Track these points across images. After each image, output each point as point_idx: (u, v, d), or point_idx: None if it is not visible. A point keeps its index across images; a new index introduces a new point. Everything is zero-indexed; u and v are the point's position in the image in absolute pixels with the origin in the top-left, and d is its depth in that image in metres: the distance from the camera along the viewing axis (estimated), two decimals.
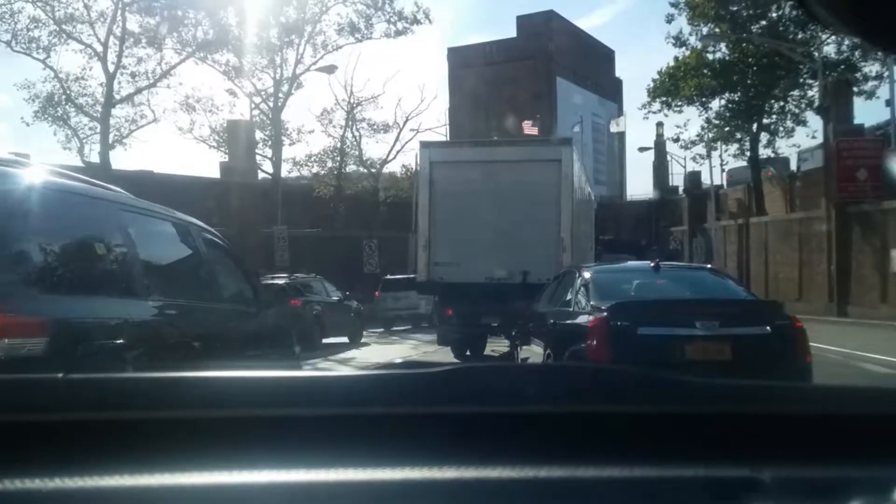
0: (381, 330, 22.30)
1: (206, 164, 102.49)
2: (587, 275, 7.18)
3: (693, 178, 39.00)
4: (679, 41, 32.43)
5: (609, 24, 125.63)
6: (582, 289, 6.96)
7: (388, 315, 22.74)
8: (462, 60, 72.95)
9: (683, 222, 40.58)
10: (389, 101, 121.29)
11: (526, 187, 12.43)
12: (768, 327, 6.12)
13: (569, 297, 7.25)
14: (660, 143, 45.62)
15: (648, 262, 7.96)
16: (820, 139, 27.17)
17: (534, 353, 7.90)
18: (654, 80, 32.69)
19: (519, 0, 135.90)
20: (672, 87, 31.93)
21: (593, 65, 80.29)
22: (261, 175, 32.48)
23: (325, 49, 30.03)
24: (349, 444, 0.90)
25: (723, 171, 38.62)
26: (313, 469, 0.86)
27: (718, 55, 31.69)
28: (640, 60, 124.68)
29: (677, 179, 47.82)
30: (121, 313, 3.79)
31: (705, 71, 31.26)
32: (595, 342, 5.97)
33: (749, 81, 30.72)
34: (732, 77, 30.53)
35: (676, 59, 32.20)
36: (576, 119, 73.78)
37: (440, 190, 12.84)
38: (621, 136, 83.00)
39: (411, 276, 18.65)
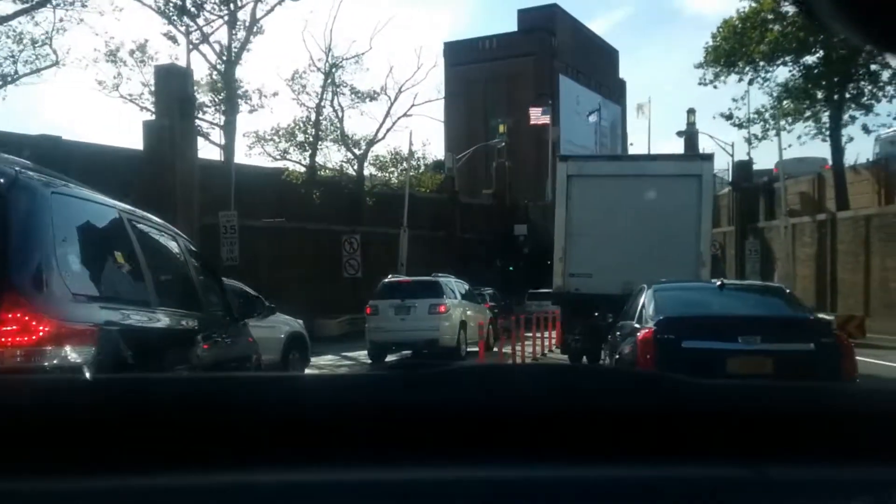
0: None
1: (132, 129, 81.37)
2: (651, 292, 7.22)
3: (743, 169, 31.21)
4: None
5: (609, 33, 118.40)
6: (645, 304, 7.06)
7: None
8: (459, 55, 65.84)
9: (722, 222, 33.02)
10: (377, 66, 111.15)
11: (664, 201, 12.12)
12: (812, 344, 6.20)
13: (633, 311, 7.39)
14: (691, 132, 37.74)
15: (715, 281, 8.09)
16: None
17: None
18: (712, 37, 24.84)
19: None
20: (737, 46, 24.16)
21: (597, 64, 73.09)
22: (211, 151, 24.50)
23: None
24: (347, 444, 0.88)
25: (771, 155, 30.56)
26: (312, 469, 0.84)
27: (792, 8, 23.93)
28: (643, 68, 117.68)
29: None
30: (143, 322, 3.74)
31: (775, 27, 23.56)
32: (643, 353, 6.22)
33: (835, 39, 22.98)
34: (816, 33, 22.76)
35: (738, 11, 24.44)
36: (581, 119, 66.63)
37: (576, 203, 12.60)
38: (623, 131, 75.90)
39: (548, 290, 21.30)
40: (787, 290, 8.91)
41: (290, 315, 11.79)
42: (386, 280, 16.24)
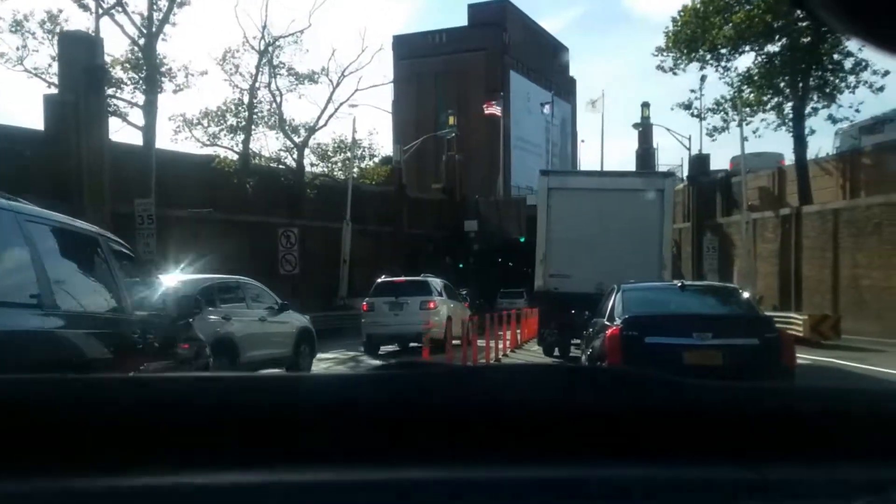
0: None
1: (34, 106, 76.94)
2: (619, 292, 7.96)
3: (700, 163, 29.96)
4: None
5: (560, 32, 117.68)
6: (615, 304, 7.79)
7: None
8: (408, 49, 63.78)
9: (677, 219, 31.74)
10: (319, 50, 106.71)
11: (632, 212, 13.64)
12: (756, 339, 7.01)
13: (605, 309, 8.14)
14: (645, 125, 36.52)
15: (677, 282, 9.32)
16: (865, 114, 18.58)
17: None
18: (673, 21, 23.37)
19: None
20: (699, 32, 22.73)
21: (547, 61, 71.87)
22: (131, 135, 21.93)
23: None
24: (346, 444, 0.87)
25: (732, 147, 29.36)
26: (311, 469, 0.83)
27: None
28: (594, 67, 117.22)
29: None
30: (27, 325, 3.62)
31: (739, 14, 22.21)
32: (611, 348, 6.93)
33: (801, 25, 21.77)
34: (784, 17, 21.47)
35: None
36: (532, 116, 65.34)
37: (556, 212, 13.91)
38: (573, 129, 74.99)
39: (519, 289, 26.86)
40: (740, 291, 9.80)
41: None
42: (380, 280, 17.85)
